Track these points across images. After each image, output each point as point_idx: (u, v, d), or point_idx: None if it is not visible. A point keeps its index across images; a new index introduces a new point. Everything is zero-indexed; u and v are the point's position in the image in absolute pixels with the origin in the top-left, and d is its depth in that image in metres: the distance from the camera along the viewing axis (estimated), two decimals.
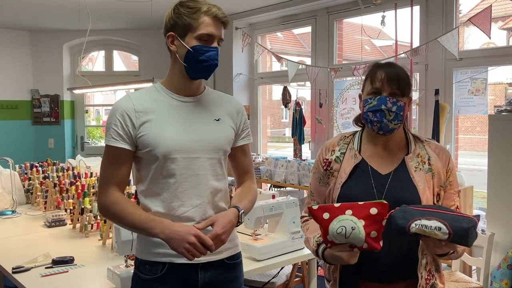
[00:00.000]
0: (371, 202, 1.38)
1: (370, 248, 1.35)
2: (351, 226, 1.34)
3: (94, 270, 2.23)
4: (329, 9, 4.76)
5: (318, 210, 1.42)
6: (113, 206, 1.58)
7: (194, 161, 1.60)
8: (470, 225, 1.30)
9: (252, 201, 1.76)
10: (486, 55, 3.80)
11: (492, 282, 3.03)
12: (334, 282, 1.60)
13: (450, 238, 1.30)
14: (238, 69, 5.54)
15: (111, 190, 1.59)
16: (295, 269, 3.08)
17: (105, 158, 1.62)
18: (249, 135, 1.79)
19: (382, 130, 1.53)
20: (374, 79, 1.53)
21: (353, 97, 4.56)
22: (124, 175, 1.61)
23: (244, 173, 1.81)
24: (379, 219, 1.36)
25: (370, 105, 1.52)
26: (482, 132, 13.12)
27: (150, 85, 3.90)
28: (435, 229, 1.31)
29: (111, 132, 1.58)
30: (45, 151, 6.19)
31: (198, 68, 1.59)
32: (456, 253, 1.47)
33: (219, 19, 1.59)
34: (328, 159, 1.64)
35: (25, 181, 3.75)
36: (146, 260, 1.62)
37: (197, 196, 1.60)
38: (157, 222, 1.53)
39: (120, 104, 1.61)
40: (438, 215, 1.33)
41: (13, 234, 2.89)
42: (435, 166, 1.56)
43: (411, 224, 1.34)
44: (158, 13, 4.70)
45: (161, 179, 1.60)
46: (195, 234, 1.49)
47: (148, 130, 1.58)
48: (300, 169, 4.41)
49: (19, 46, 6.12)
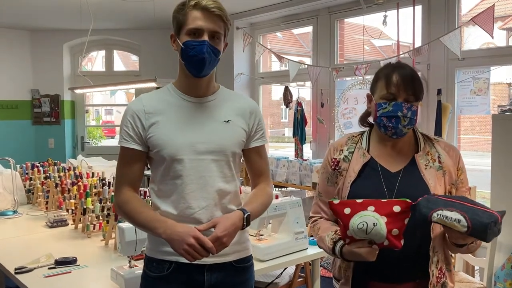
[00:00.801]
0: (394, 200, 1.38)
1: (391, 245, 1.35)
2: (372, 222, 1.34)
3: (97, 270, 2.22)
4: (331, 8, 4.75)
5: (339, 205, 1.42)
6: (125, 205, 1.61)
7: (201, 162, 1.59)
8: (490, 220, 1.29)
9: (264, 204, 1.72)
10: (488, 55, 3.79)
11: (496, 282, 3.02)
12: (346, 281, 1.59)
13: (468, 232, 1.29)
14: (239, 69, 5.53)
15: (124, 190, 1.62)
16: (298, 270, 3.07)
17: (119, 159, 1.66)
18: (263, 136, 1.76)
19: (396, 135, 1.53)
20: (389, 83, 1.51)
21: (354, 97, 4.56)
22: (136, 175, 1.64)
23: (259, 175, 1.77)
24: (402, 217, 1.36)
25: (385, 110, 1.51)
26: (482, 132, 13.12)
27: (151, 84, 3.92)
28: (454, 221, 1.30)
29: (123, 133, 1.62)
30: (45, 151, 6.18)
31: (191, 64, 1.57)
32: (475, 244, 1.46)
33: (210, 11, 1.55)
34: (337, 159, 1.64)
35: (26, 181, 3.73)
36: (154, 258, 1.64)
37: (203, 198, 1.60)
38: (161, 222, 1.54)
39: (131, 106, 1.64)
40: (461, 207, 1.33)
41: (14, 234, 2.87)
42: (446, 164, 1.55)
43: (433, 214, 1.34)
44: (160, 13, 4.70)
45: (169, 180, 1.60)
46: (194, 235, 1.47)
47: (157, 131, 1.59)
48: (302, 169, 4.40)
49: (19, 45, 6.11)
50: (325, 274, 4.06)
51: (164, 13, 4.77)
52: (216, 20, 1.57)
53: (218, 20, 1.58)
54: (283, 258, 2.46)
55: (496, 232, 1.31)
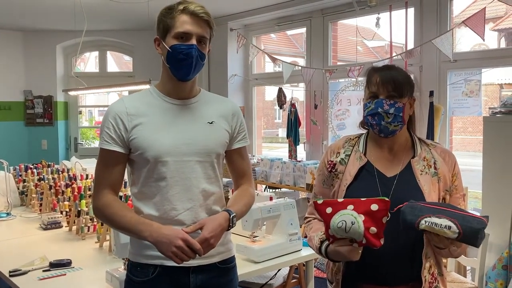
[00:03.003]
0: (373, 199, 1.40)
1: (369, 243, 1.36)
2: (351, 221, 1.36)
3: (92, 273, 2.22)
4: (324, 10, 4.78)
5: (322, 204, 1.44)
6: (106, 209, 1.59)
7: (185, 164, 1.59)
8: (481, 226, 1.31)
9: (247, 205, 1.73)
10: (480, 57, 3.83)
11: (487, 282, 3.06)
12: (336, 284, 1.60)
13: (459, 238, 1.31)
14: (233, 70, 5.54)
15: (104, 192, 1.60)
16: (292, 271, 3.09)
17: (99, 161, 1.63)
18: (245, 138, 1.77)
19: (382, 132, 1.55)
20: (370, 84, 1.56)
21: (347, 98, 4.58)
22: (117, 178, 1.62)
23: (241, 176, 1.79)
24: (379, 216, 1.37)
25: (369, 109, 1.54)
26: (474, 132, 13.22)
27: (146, 87, 3.92)
28: (445, 227, 1.32)
29: (104, 135, 1.59)
30: (38, 152, 6.15)
31: (178, 67, 1.58)
32: (457, 248, 1.47)
33: (198, 16, 1.57)
34: (333, 161, 1.65)
35: (20, 183, 3.72)
36: (137, 263, 1.62)
37: (188, 200, 1.60)
38: (146, 225, 1.52)
39: (113, 107, 1.62)
40: (448, 214, 1.34)
41: (8, 236, 2.87)
42: (441, 171, 1.57)
43: (420, 221, 1.35)
44: (154, 14, 4.69)
45: (153, 182, 1.59)
46: (182, 237, 1.47)
47: (140, 133, 1.58)
48: (296, 170, 4.42)
49: (12, 46, 6.07)
50: (318, 275, 4.08)
51: (157, 14, 4.78)
52: (204, 26, 1.59)
53: (205, 26, 1.59)
54: (277, 260, 2.47)
55: (483, 236, 1.34)
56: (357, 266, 1.46)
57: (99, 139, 1.63)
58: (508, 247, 3.03)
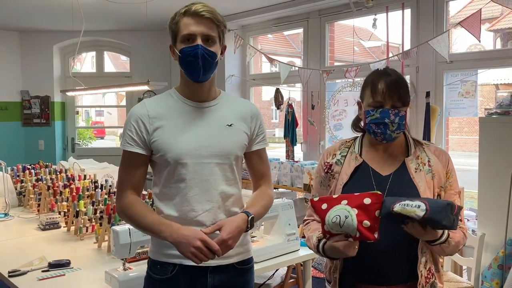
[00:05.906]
0: (366, 193, 1.42)
1: (363, 237, 1.38)
2: (344, 215, 1.38)
3: (91, 273, 2.22)
4: (321, 11, 4.79)
5: (318, 201, 1.48)
6: (128, 209, 1.63)
7: (204, 166, 1.62)
8: (447, 203, 1.35)
9: (265, 206, 1.76)
10: (476, 58, 3.86)
11: (483, 281, 3.09)
12: (334, 283, 1.62)
13: (426, 214, 1.33)
14: (230, 71, 5.56)
15: (127, 193, 1.64)
16: (289, 271, 3.10)
17: (122, 163, 1.67)
18: (264, 140, 1.80)
19: (386, 140, 1.58)
20: (375, 92, 1.56)
21: (344, 99, 4.60)
22: (139, 179, 1.66)
23: (260, 178, 1.81)
24: (372, 209, 1.39)
25: (373, 117, 1.56)
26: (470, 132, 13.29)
27: (144, 88, 3.93)
28: (414, 206, 1.35)
29: (126, 137, 1.64)
30: (36, 152, 6.15)
31: (190, 70, 1.60)
32: (448, 244, 1.49)
33: (200, 15, 1.58)
34: (329, 162, 1.69)
35: (17, 184, 3.72)
36: (157, 261, 1.66)
37: (207, 201, 1.63)
38: (166, 226, 1.57)
39: (135, 110, 1.66)
40: (424, 199, 1.38)
41: (6, 237, 2.87)
42: (435, 168, 1.60)
43: (395, 205, 1.38)
44: (152, 15, 4.70)
45: (173, 184, 1.63)
46: (201, 238, 1.51)
47: (161, 135, 1.62)
48: (293, 170, 4.43)
49: (8, 46, 6.07)
50: (316, 275, 4.10)
51: (156, 14, 4.78)
52: (208, 23, 1.60)
53: (209, 23, 1.60)
54: (275, 260, 2.49)
55: (451, 219, 1.35)
56: (354, 266, 1.48)
57: (121, 141, 1.67)
58: (503, 246, 3.05)
